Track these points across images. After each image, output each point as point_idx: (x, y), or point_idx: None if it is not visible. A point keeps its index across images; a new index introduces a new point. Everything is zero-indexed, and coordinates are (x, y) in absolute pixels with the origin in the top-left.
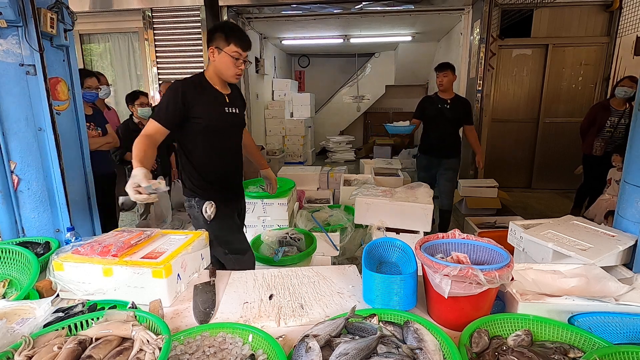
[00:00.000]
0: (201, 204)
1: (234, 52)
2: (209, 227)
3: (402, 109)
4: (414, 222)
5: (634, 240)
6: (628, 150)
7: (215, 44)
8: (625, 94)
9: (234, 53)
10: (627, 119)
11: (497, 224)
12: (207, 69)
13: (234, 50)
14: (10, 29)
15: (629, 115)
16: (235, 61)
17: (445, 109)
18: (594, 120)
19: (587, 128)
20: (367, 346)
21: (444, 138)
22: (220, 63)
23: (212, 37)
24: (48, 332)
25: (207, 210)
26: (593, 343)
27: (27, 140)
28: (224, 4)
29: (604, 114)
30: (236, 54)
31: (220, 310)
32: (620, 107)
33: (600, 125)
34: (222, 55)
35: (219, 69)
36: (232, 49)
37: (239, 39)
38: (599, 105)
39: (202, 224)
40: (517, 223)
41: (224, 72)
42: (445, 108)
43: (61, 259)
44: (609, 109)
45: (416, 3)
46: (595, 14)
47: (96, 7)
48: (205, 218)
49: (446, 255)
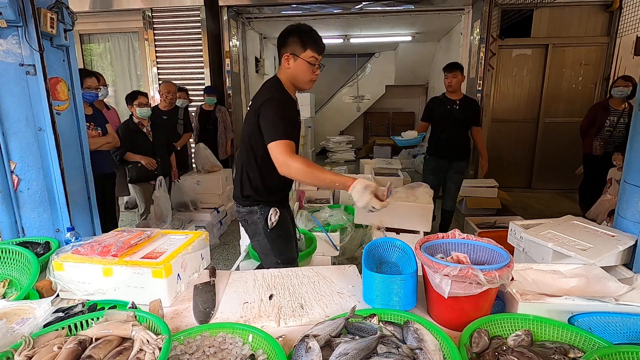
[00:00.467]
0: (266, 211)
1: (310, 57)
2: (270, 234)
3: (402, 109)
4: (413, 222)
5: (634, 240)
6: (628, 150)
7: (290, 50)
8: (621, 94)
9: (310, 59)
10: (626, 118)
11: (497, 224)
12: (280, 76)
13: (311, 56)
14: (10, 29)
15: (628, 114)
16: (312, 67)
17: (454, 110)
18: (594, 120)
19: (587, 128)
20: (367, 346)
21: (454, 140)
22: (297, 70)
23: (285, 42)
24: (48, 332)
25: (271, 218)
26: (593, 343)
27: (27, 140)
28: (224, 4)
29: (603, 114)
30: (313, 59)
31: (220, 310)
32: (619, 106)
33: (600, 125)
34: (299, 62)
35: (295, 77)
36: (309, 54)
37: (316, 43)
38: (598, 105)
39: (261, 232)
40: (517, 223)
41: (301, 79)
42: (455, 109)
43: (61, 259)
44: (608, 109)
45: (416, 3)
46: (595, 14)
47: (96, 7)
48: (268, 225)
49: (446, 255)
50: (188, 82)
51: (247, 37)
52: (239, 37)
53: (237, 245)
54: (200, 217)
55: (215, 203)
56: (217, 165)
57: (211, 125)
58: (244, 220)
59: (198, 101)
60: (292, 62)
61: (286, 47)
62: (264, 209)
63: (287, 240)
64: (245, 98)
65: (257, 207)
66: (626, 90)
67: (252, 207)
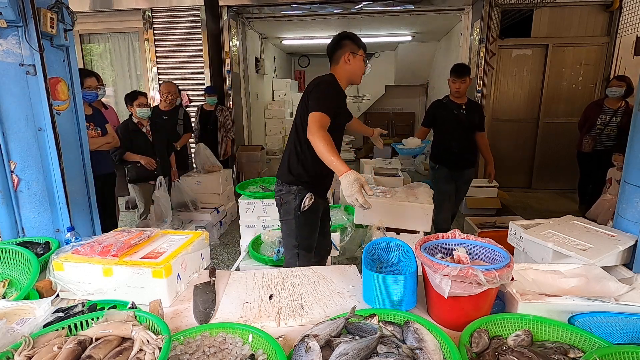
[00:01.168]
0: (303, 194)
1: (363, 54)
2: (299, 217)
3: (402, 109)
4: (413, 222)
5: (634, 240)
6: (628, 150)
7: (349, 50)
8: (615, 94)
9: (364, 56)
10: (619, 117)
11: (497, 224)
12: (336, 73)
13: (363, 54)
14: (10, 29)
15: (622, 113)
16: (364, 62)
17: (462, 115)
18: (587, 118)
19: (582, 126)
20: (367, 346)
21: (465, 147)
22: (355, 66)
23: (341, 44)
24: (48, 332)
25: (305, 202)
26: (593, 343)
27: (27, 140)
28: (224, 4)
29: (596, 112)
30: (364, 56)
31: (220, 310)
32: (614, 105)
33: (592, 123)
34: (357, 59)
35: (353, 71)
36: (362, 52)
37: (364, 45)
38: (593, 103)
39: (292, 212)
40: (517, 223)
41: (358, 73)
42: (462, 114)
43: (61, 259)
44: (602, 107)
45: (416, 3)
46: (595, 14)
47: (96, 7)
48: (300, 208)
49: (446, 255)
50: (188, 82)
51: (247, 37)
52: (239, 37)
53: (237, 245)
54: (200, 217)
55: (215, 203)
56: (217, 165)
57: (211, 125)
58: (279, 198)
59: (198, 101)
60: (352, 59)
61: (344, 49)
62: (301, 192)
63: (313, 229)
64: (245, 98)
65: (296, 187)
66: (619, 90)
67: (292, 187)
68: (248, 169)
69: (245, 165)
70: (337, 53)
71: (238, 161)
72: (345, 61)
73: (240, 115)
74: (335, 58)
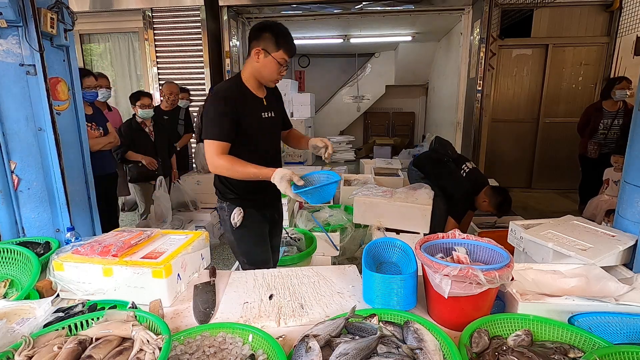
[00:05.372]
0: (231, 209)
1: (281, 58)
2: (234, 233)
3: (402, 109)
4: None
5: (634, 240)
6: (628, 151)
7: (262, 46)
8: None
9: (281, 59)
10: (620, 120)
11: (497, 224)
12: (245, 69)
13: (282, 57)
14: (10, 29)
15: (622, 115)
16: (280, 67)
17: None
18: (588, 122)
19: (582, 129)
20: (367, 346)
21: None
22: (264, 67)
23: (259, 36)
24: (48, 332)
25: (234, 217)
26: (593, 343)
27: (27, 140)
28: (224, 4)
29: (597, 117)
30: (283, 60)
31: (220, 310)
32: (613, 108)
33: (593, 127)
34: (269, 60)
35: (260, 73)
36: (281, 55)
37: (290, 45)
38: (591, 107)
39: (229, 229)
40: (517, 223)
41: (266, 76)
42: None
43: (61, 259)
44: (601, 111)
45: (416, 3)
46: (595, 14)
47: (96, 7)
48: (232, 224)
49: (446, 255)
50: (188, 82)
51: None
52: (239, 37)
53: None
54: (200, 217)
55: (215, 203)
56: None
57: None
58: (218, 214)
59: (199, 101)
60: (262, 58)
61: (259, 41)
62: (230, 207)
63: (256, 242)
64: None
65: (225, 203)
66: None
67: (222, 203)
68: None
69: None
70: (252, 44)
71: None
72: (255, 56)
73: None
74: (249, 49)
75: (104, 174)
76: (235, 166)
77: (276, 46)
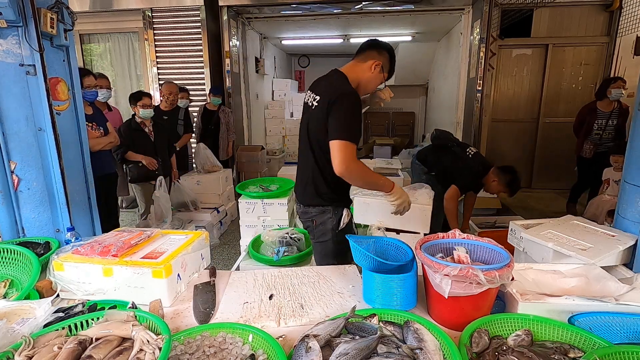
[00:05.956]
0: (339, 211)
1: (385, 80)
2: (335, 236)
3: (402, 109)
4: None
5: (634, 240)
6: (628, 151)
7: (382, 62)
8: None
9: (384, 80)
10: (615, 120)
11: (497, 224)
12: (351, 72)
13: (385, 80)
14: (10, 29)
15: (617, 115)
16: (376, 83)
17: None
18: (583, 123)
19: (578, 130)
20: (367, 346)
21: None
22: (374, 79)
23: (381, 51)
24: (48, 332)
25: (344, 219)
26: (593, 343)
27: (27, 140)
28: (224, 4)
29: (591, 117)
30: (384, 82)
31: (220, 310)
32: (607, 108)
33: (588, 128)
34: (380, 77)
35: (368, 83)
36: (386, 77)
37: (393, 72)
38: (585, 108)
39: (329, 232)
40: (517, 223)
41: (370, 88)
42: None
43: (61, 259)
44: (596, 112)
45: (416, 3)
46: (595, 14)
47: (96, 7)
48: (339, 226)
49: (446, 255)
50: (188, 82)
51: (247, 37)
52: (239, 37)
53: (237, 245)
54: (200, 217)
55: (215, 203)
56: (217, 165)
57: (213, 126)
58: (311, 220)
59: (199, 101)
60: (376, 71)
61: (380, 57)
62: (337, 209)
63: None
64: (245, 98)
65: (330, 206)
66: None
67: (326, 207)
68: (248, 169)
69: (245, 165)
70: (371, 53)
71: (238, 161)
72: (372, 67)
73: (240, 115)
74: (364, 56)
75: (104, 174)
76: (368, 171)
77: (389, 69)
